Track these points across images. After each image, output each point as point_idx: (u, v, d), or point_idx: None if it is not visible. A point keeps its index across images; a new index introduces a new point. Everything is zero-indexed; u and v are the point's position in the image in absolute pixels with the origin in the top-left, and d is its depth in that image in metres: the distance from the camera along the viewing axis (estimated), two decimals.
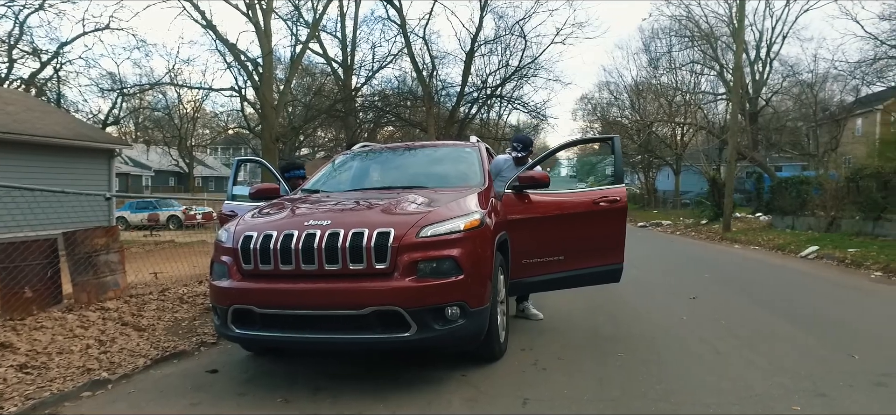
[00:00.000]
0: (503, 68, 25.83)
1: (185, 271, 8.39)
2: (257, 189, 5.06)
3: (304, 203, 4.31)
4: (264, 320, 3.57)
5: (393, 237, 3.45)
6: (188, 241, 13.80)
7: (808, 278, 8.74)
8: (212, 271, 3.92)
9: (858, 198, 13.51)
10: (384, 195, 4.30)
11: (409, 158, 5.53)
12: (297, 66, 30.33)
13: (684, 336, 4.92)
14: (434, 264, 3.50)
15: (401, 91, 25.11)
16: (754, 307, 6.32)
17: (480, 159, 5.19)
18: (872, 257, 9.94)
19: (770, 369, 3.94)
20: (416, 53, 23.78)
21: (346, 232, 3.48)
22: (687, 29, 36.23)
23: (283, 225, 3.68)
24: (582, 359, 4.27)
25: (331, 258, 3.46)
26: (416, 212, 3.76)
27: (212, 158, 62.01)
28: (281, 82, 31.45)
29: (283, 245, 3.52)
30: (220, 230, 4.06)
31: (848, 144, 34.94)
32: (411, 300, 3.40)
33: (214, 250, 3.97)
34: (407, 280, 3.42)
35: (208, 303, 6.62)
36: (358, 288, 3.41)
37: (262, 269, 3.58)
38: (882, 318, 5.85)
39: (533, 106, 26.36)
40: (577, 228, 4.91)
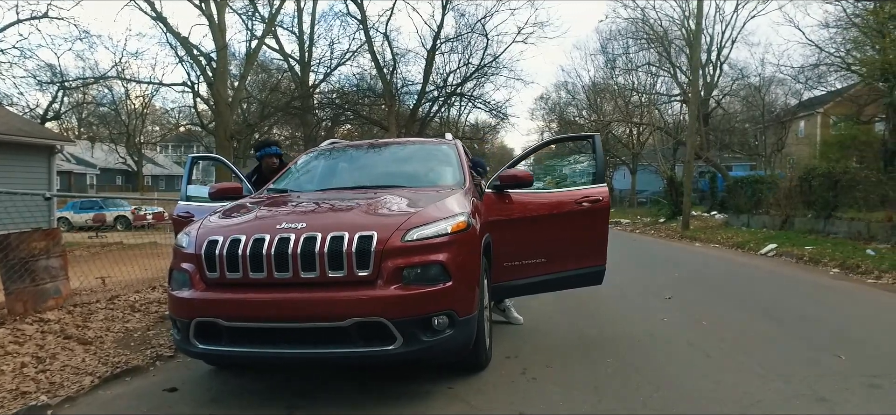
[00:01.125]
0: (464, 67, 25.70)
1: (135, 275, 7.80)
2: (218, 189, 4.63)
3: (272, 204, 3.96)
4: (232, 334, 3.21)
5: (376, 241, 3.15)
6: (138, 242, 12.99)
7: (774, 276, 8.88)
8: (170, 280, 3.53)
9: (810, 197, 13.95)
10: (360, 195, 3.99)
11: (382, 156, 5.22)
12: (252, 62, 29.37)
13: (670, 339, 4.80)
14: (420, 271, 3.22)
15: (361, 88, 24.60)
16: (730, 307, 6.30)
17: (459, 157, 4.93)
18: (828, 255, 10.22)
19: (763, 372, 3.84)
20: (376, 50, 23.34)
21: (324, 236, 3.16)
22: (642, 32, 37.10)
23: (253, 228, 3.33)
24: (572, 366, 4.07)
25: (307, 265, 3.13)
26: (398, 213, 3.47)
27: (162, 156, 59.55)
28: (236, 78, 30.42)
29: (254, 251, 3.17)
30: (180, 235, 3.67)
31: (792, 146, 36.53)
32: (396, 310, 3.11)
33: (173, 257, 3.58)
34: (392, 288, 3.13)
35: (164, 311, 6.15)
36: (338, 298, 3.09)
37: (229, 277, 3.22)
38: (854, 316, 5.91)
39: (494, 104, 26.27)
40: (560, 229, 4.72)
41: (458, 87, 25.51)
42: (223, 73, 27.32)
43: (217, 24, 26.82)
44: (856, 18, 25.59)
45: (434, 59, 23.05)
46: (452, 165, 4.79)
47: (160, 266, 8.47)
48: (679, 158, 34.79)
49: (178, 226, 4.60)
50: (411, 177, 4.58)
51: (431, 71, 23.21)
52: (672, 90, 39.64)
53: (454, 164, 4.80)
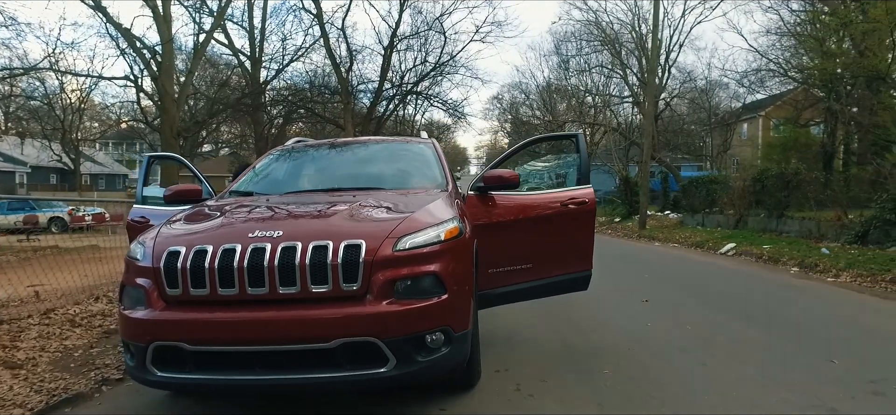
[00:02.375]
0: (421, 64, 25.34)
1: (73, 283, 7.07)
2: (175, 191, 4.13)
3: (239, 208, 3.52)
4: (198, 359, 2.78)
5: (364, 251, 2.79)
6: (76, 246, 12.02)
7: (740, 276, 8.97)
8: (122, 297, 3.06)
9: (763, 197, 14.36)
10: (337, 199, 3.60)
11: (356, 156, 4.83)
12: (200, 57, 28.06)
13: (662, 346, 4.63)
14: (412, 283, 2.88)
15: (316, 85, 23.83)
16: (708, 309, 6.24)
17: (438, 157, 4.62)
18: (786, 254, 10.46)
19: (765, 382, 3.70)
20: (332, 46, 22.63)
21: (305, 246, 2.77)
22: (594, 35, 37.83)
23: (220, 237, 2.90)
24: (567, 380, 3.82)
25: (286, 279, 2.74)
26: (386, 219, 3.12)
27: (102, 154, 56.39)
28: (182, 73, 29.02)
29: (223, 263, 2.75)
30: (133, 245, 3.19)
31: (736, 147, 38.06)
32: (389, 328, 2.76)
33: (126, 271, 3.10)
34: (383, 304, 2.78)
35: (109, 325, 5.55)
36: (322, 316, 2.71)
37: (193, 294, 2.79)
38: (830, 317, 5.94)
39: (451, 103, 26.02)
40: (547, 232, 4.47)
41: (415, 85, 25.12)
42: (169, 67, 25.98)
43: (162, 16, 25.51)
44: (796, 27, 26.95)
45: (392, 56, 22.59)
46: (432, 165, 4.47)
47: (103, 272, 7.75)
48: (632, 158, 35.63)
49: (133, 232, 4.08)
50: (389, 178, 4.24)
51: (389, 68, 22.73)
52: (624, 92, 40.59)
53: (434, 164, 4.49)
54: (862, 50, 18.20)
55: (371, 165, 4.55)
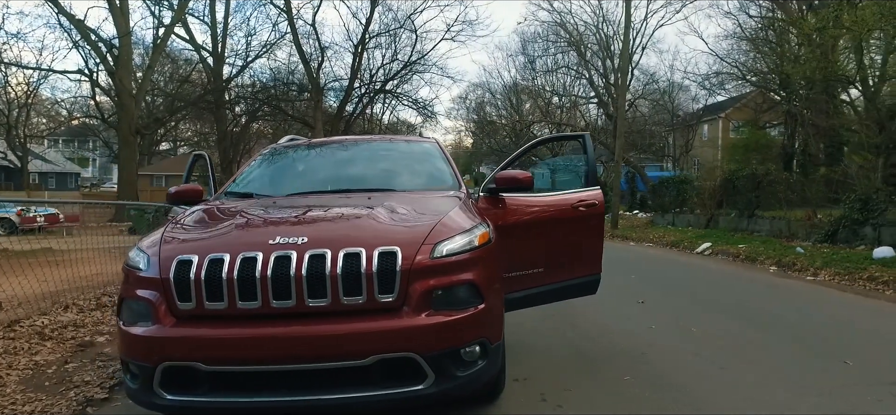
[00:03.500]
0: (391, 63, 25.02)
1: (31, 290, 6.52)
2: (178, 191, 3.82)
3: (248, 211, 3.22)
4: (214, 381, 2.50)
5: (401, 259, 2.57)
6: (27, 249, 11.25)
7: (724, 276, 9.08)
8: (121, 312, 2.74)
9: (734, 197, 14.68)
10: (352, 200, 3.37)
11: (360, 155, 4.57)
12: (159, 52, 27.02)
13: (673, 351, 4.55)
14: (447, 292, 2.67)
15: (284, 82, 23.21)
16: (705, 311, 6.23)
17: (445, 157, 4.42)
18: (763, 253, 10.68)
19: (789, 386, 3.64)
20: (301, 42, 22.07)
21: (335, 253, 2.53)
22: (561, 36, 38.29)
23: (237, 244, 2.63)
24: (591, 389, 3.68)
25: (316, 290, 2.49)
26: (417, 224, 2.90)
27: (53, 152, 53.67)
28: (141, 68, 27.86)
29: (243, 273, 2.49)
30: (133, 252, 2.87)
31: (698, 148, 39.14)
32: (429, 343, 2.55)
33: (124, 281, 2.79)
34: (423, 315, 2.56)
35: (83, 337, 5.13)
36: (357, 330, 2.48)
37: (209, 308, 2.51)
38: (823, 316, 6.01)
39: (422, 102, 25.81)
40: (558, 235, 4.32)
41: (385, 83, 24.79)
42: (127, 61, 24.91)
43: (119, 8, 24.41)
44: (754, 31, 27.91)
45: (363, 53, 22.18)
46: (441, 165, 4.27)
47: (64, 277, 7.21)
48: (598, 158, 36.19)
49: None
50: (400, 179, 4.01)
51: (360, 66, 22.32)
52: (590, 93, 41.18)
53: (442, 164, 4.28)
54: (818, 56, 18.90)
55: (378, 165, 4.31)
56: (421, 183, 3.97)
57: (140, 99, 25.56)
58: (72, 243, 9.78)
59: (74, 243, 9.49)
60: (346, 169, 4.19)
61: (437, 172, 4.16)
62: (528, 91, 42.28)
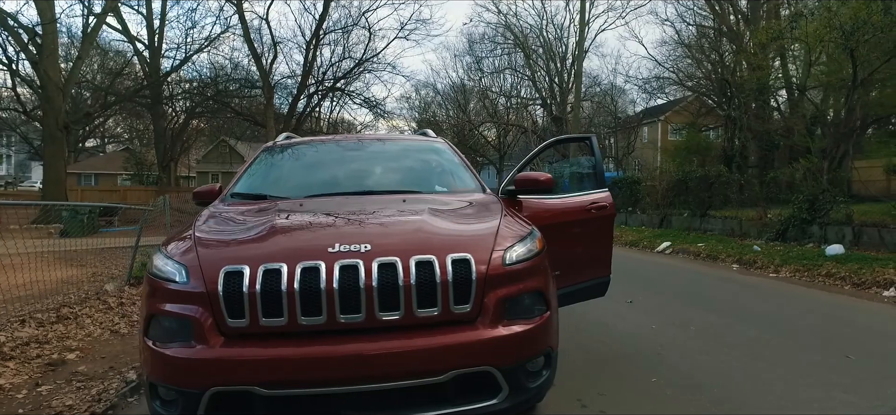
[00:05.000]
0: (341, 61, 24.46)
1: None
2: (200, 191, 3.50)
3: (283, 214, 2.91)
4: (271, 407, 2.24)
5: (474, 266, 2.40)
6: None
7: (693, 274, 9.36)
8: (149, 330, 2.41)
9: (687, 197, 15.26)
10: (388, 203, 3.16)
11: (373, 154, 4.32)
12: (90, 42, 25.21)
13: (685, 349, 4.58)
14: (516, 301, 2.53)
15: (232, 78, 22.18)
16: (693, 309, 6.35)
17: (459, 156, 4.27)
18: (721, 251, 11.12)
19: (812, 383, 3.71)
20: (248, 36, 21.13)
21: (406, 261, 2.32)
22: (506, 38, 38.85)
23: (292, 252, 2.36)
24: (624, 392, 3.62)
25: (388, 302, 2.28)
26: (478, 229, 2.74)
27: None
28: (69, 59, 25.93)
29: (306, 285, 2.24)
30: (157, 258, 2.54)
31: (638, 149, 40.68)
32: (506, 355, 2.40)
33: (152, 295, 2.46)
34: (499, 327, 2.40)
35: (50, 354, 4.60)
36: (435, 345, 2.28)
37: (266, 325, 2.24)
38: (803, 311, 6.24)
39: (374, 100, 25.38)
40: (574, 238, 4.26)
41: (338, 81, 24.21)
42: (53, 51, 23.06)
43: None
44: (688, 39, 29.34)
45: (317, 50, 21.53)
46: (459, 165, 4.11)
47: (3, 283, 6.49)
48: (544, 159, 36.93)
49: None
50: (425, 180, 3.82)
51: (314, 63, 21.65)
52: (535, 95, 41.95)
53: (460, 164, 4.13)
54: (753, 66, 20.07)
55: (397, 165, 4.08)
56: (447, 184, 3.80)
57: (68, 91, 23.75)
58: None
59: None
60: (364, 169, 3.95)
61: (458, 172, 3.99)
62: (476, 92, 42.62)
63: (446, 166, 4.08)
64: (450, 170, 4.02)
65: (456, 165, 4.11)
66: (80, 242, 10.62)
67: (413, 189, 3.58)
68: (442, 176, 3.92)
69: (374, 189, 3.54)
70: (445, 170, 4.02)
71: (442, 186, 3.75)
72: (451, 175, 3.95)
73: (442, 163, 4.14)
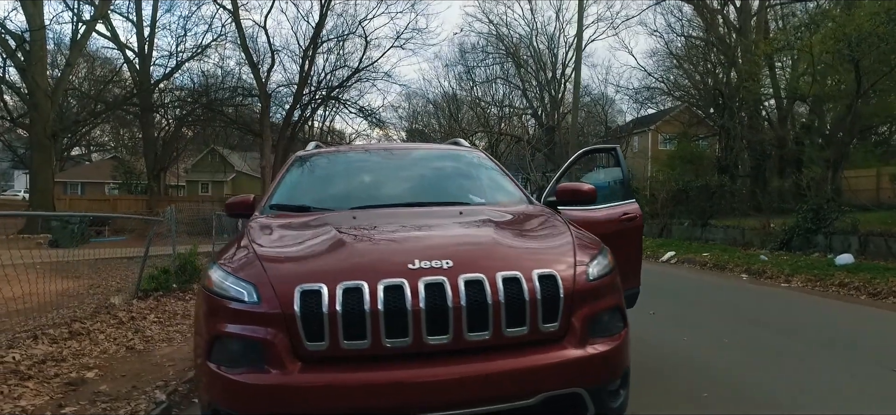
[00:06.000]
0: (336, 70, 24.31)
1: None
2: (233, 202, 3.36)
3: (340, 227, 2.73)
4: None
5: (561, 283, 2.29)
6: None
7: (705, 283, 9.33)
8: (212, 353, 2.25)
9: (688, 206, 15.31)
10: (445, 215, 3.04)
11: (413, 163, 4.16)
12: (80, 49, 24.80)
13: (724, 362, 4.50)
14: (598, 318, 2.42)
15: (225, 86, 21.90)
16: (718, 319, 6.30)
17: (498, 166, 4.17)
18: (728, 261, 11.12)
19: (870, 398, 3.65)
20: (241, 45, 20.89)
21: (492, 278, 2.20)
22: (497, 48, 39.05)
23: (370, 268, 2.22)
24: (682, 407, 3.54)
25: (477, 322, 2.15)
26: (552, 243, 2.63)
27: None
28: (56, 67, 25.48)
29: (391, 305, 2.10)
30: (217, 274, 2.39)
31: (630, 159, 40.98)
32: (594, 375, 2.29)
33: (211, 314, 2.30)
34: (588, 346, 2.29)
35: (68, 373, 4.38)
36: (527, 366, 2.15)
37: (347, 348, 2.10)
38: (828, 321, 6.22)
39: (369, 109, 25.25)
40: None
41: (334, 90, 24.03)
42: (42, 58, 22.65)
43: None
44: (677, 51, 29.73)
45: (314, 58, 21.34)
46: (500, 176, 4.00)
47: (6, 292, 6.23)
48: (536, 167, 37.06)
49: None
50: (473, 191, 3.70)
51: (311, 72, 21.46)
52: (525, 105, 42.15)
53: (501, 173, 4.02)
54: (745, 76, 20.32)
55: (439, 174, 3.95)
56: (492, 194, 3.68)
57: (57, 99, 23.30)
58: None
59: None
60: (407, 179, 3.81)
61: (501, 182, 3.88)
62: (468, 102, 42.72)
63: (488, 176, 3.96)
64: (492, 179, 3.91)
65: (497, 174, 4.01)
66: (71, 253, 10.32)
67: (461, 200, 3.46)
68: (486, 186, 3.80)
69: (424, 200, 3.41)
70: (488, 179, 3.91)
71: (488, 196, 3.64)
72: (495, 185, 3.83)
73: (482, 172, 4.02)
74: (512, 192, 3.75)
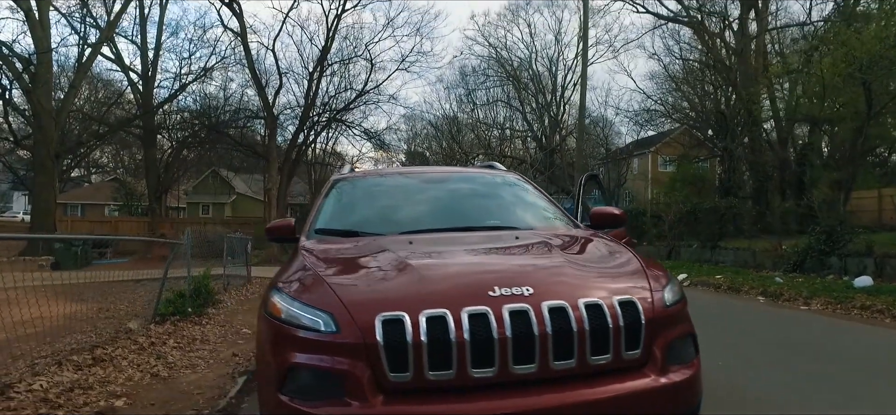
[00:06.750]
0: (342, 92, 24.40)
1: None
2: (274, 226, 3.29)
3: (405, 252, 2.65)
4: None
5: (642, 308, 2.23)
6: None
7: (725, 306, 9.26)
8: (286, 385, 2.17)
9: (697, 228, 15.29)
10: (502, 238, 3.00)
11: (454, 186, 4.11)
12: (85, 71, 24.91)
13: (770, 387, 4.42)
14: (673, 345, 2.36)
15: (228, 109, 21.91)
16: (743, 340, 6.22)
17: (538, 189, 4.14)
18: (743, 283, 11.05)
19: None
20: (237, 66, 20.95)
21: (574, 304, 2.15)
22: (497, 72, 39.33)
23: (450, 295, 2.16)
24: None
25: (562, 350, 2.09)
26: (623, 268, 2.58)
27: None
28: (60, 89, 25.53)
29: (476, 333, 2.04)
30: (284, 302, 2.31)
31: (630, 181, 41.09)
32: (677, 404, 2.23)
33: (281, 342, 2.22)
34: (670, 374, 2.23)
35: (96, 401, 4.27)
36: (614, 394, 2.08)
37: (432, 379, 2.03)
38: (861, 347, 6.15)
39: (373, 131, 25.29)
40: None
41: (335, 113, 24.09)
42: (47, 80, 22.72)
43: (39, 22, 22.30)
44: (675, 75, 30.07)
45: (320, 81, 21.40)
46: (542, 198, 3.97)
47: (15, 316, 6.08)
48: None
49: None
50: (515, 213, 3.65)
51: (316, 94, 21.49)
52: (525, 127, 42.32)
53: (542, 197, 3.99)
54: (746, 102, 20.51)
55: (484, 198, 3.90)
56: (539, 217, 3.63)
57: (61, 120, 23.29)
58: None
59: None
60: (453, 203, 3.75)
61: (544, 205, 3.84)
62: (468, 125, 42.86)
63: (531, 199, 3.93)
64: (536, 202, 3.87)
65: (538, 197, 3.97)
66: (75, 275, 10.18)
67: (512, 224, 3.41)
68: (531, 209, 3.76)
69: (475, 224, 3.36)
70: (532, 202, 3.87)
71: (536, 219, 3.59)
72: (540, 208, 3.79)
73: (524, 195, 3.98)
74: (557, 214, 3.71)
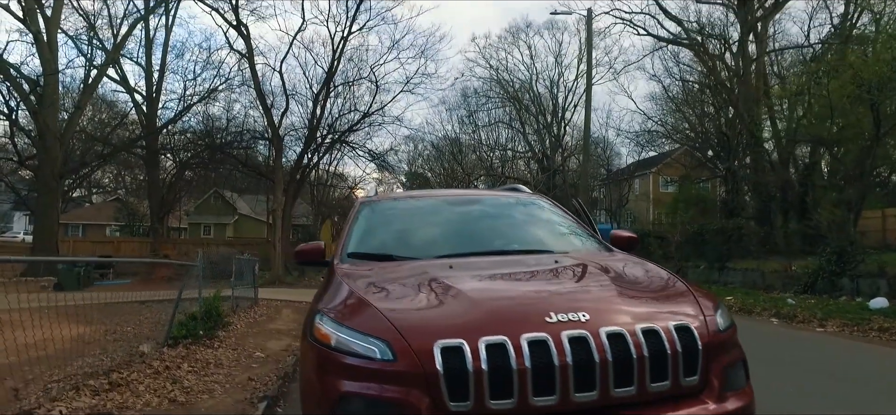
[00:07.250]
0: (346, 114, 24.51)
1: None
2: (303, 250, 3.29)
3: (443, 277, 2.60)
4: None
5: (697, 334, 2.20)
6: None
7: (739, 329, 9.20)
8: (334, 413, 2.12)
9: (704, 249, 15.25)
10: (542, 262, 2.96)
11: (483, 210, 4.09)
12: (90, 93, 25.01)
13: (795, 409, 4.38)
14: (726, 371, 2.32)
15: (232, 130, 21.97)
16: (765, 366, 6.12)
17: (566, 211, 4.12)
18: (754, 305, 10.97)
19: None
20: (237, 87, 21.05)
21: (632, 329, 2.11)
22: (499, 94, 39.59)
23: (507, 322, 2.12)
24: None
25: (622, 377, 2.05)
26: (673, 293, 2.56)
27: None
28: (67, 109, 25.62)
29: (538, 361, 2.00)
30: (332, 328, 2.27)
31: (632, 202, 41.16)
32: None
33: (333, 371, 2.18)
34: (727, 401, 2.19)
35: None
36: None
37: (493, 407, 1.98)
38: (885, 370, 6.10)
39: (377, 152, 25.35)
40: None
41: (340, 135, 24.15)
42: (54, 101, 22.77)
43: (47, 44, 22.46)
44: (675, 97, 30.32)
45: (325, 103, 21.51)
46: (572, 221, 3.95)
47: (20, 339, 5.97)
48: None
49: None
50: (550, 237, 3.62)
51: (322, 116, 21.58)
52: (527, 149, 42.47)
53: (572, 220, 3.97)
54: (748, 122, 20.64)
55: (517, 221, 3.88)
56: (572, 240, 3.60)
57: (67, 141, 23.32)
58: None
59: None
60: (487, 227, 3.72)
61: (575, 228, 3.81)
62: (470, 145, 43.01)
63: (561, 222, 3.90)
64: (567, 225, 3.84)
65: (568, 220, 3.95)
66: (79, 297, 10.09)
67: (547, 247, 3.37)
68: (563, 232, 3.72)
69: (510, 248, 3.33)
70: (563, 225, 3.83)
71: (570, 242, 3.55)
72: (572, 231, 3.76)
73: (554, 218, 3.95)
74: (589, 237, 3.68)
